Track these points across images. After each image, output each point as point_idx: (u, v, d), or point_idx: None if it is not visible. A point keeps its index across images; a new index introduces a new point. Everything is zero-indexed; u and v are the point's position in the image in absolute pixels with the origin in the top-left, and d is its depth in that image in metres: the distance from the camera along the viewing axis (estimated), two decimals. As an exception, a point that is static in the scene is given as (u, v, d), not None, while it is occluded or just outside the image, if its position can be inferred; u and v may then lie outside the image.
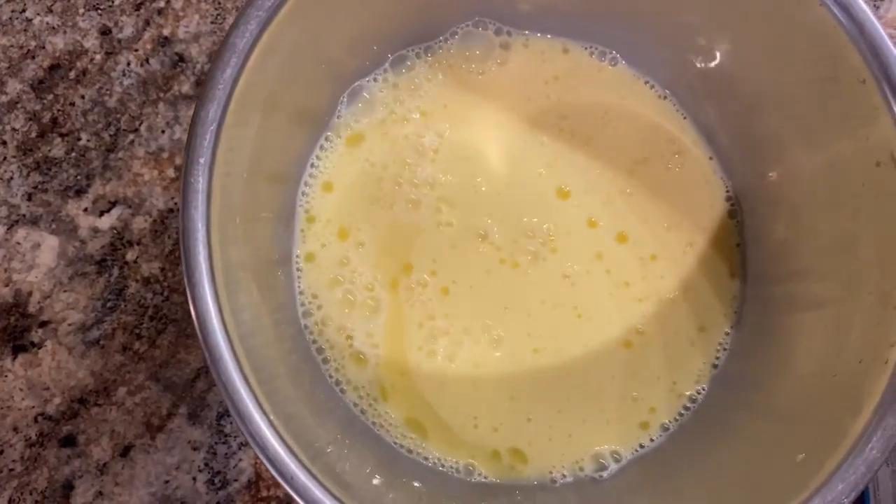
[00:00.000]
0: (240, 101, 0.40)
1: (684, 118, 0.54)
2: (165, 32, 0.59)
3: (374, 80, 0.53)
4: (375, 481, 0.45)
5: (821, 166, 0.47)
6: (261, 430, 0.36)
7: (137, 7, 0.59)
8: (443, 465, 0.49)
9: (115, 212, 0.57)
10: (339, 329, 0.50)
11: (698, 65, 0.52)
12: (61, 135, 0.58)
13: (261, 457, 0.36)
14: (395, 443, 0.49)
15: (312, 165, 0.52)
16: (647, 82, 0.54)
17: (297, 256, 0.50)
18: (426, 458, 0.49)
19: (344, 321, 0.50)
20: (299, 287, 0.50)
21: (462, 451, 0.49)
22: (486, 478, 0.49)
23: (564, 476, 0.49)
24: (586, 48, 0.54)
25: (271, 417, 0.37)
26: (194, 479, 0.54)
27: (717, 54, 0.50)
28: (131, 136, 0.58)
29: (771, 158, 0.51)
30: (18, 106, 0.58)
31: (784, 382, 0.45)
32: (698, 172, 0.53)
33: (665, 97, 0.54)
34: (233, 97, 0.39)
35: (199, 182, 0.37)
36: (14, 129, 0.58)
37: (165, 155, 0.57)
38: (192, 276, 0.36)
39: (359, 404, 0.49)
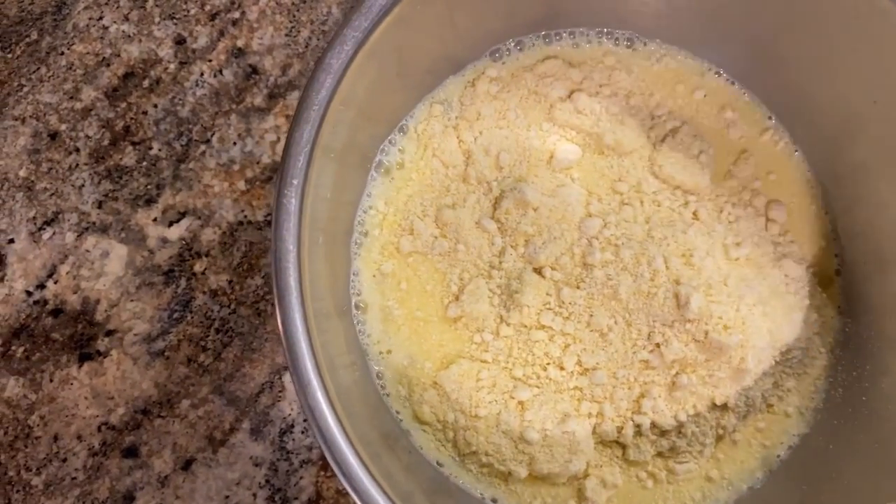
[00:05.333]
0: (331, 120, 0.39)
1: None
2: (239, 44, 0.59)
3: (446, 87, 0.52)
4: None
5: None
6: (347, 460, 0.36)
7: (212, 17, 0.59)
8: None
9: (185, 222, 0.56)
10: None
11: (798, 90, 0.51)
12: (133, 143, 0.58)
13: (346, 486, 0.36)
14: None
15: (389, 160, 0.51)
16: (767, 116, 0.54)
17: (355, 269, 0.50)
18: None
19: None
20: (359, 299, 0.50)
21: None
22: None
23: None
24: (697, 59, 0.54)
25: (356, 446, 0.36)
26: (255, 495, 0.53)
27: (811, 76, 0.49)
28: (202, 147, 0.57)
29: (861, 188, 0.50)
30: (92, 113, 0.58)
31: (878, 427, 0.44)
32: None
33: (771, 118, 0.53)
34: (325, 118, 0.39)
35: (292, 203, 0.37)
36: (87, 137, 0.58)
37: (236, 167, 0.57)
38: (283, 298, 0.36)
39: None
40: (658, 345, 0.47)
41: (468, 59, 0.52)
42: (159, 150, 0.58)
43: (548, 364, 0.48)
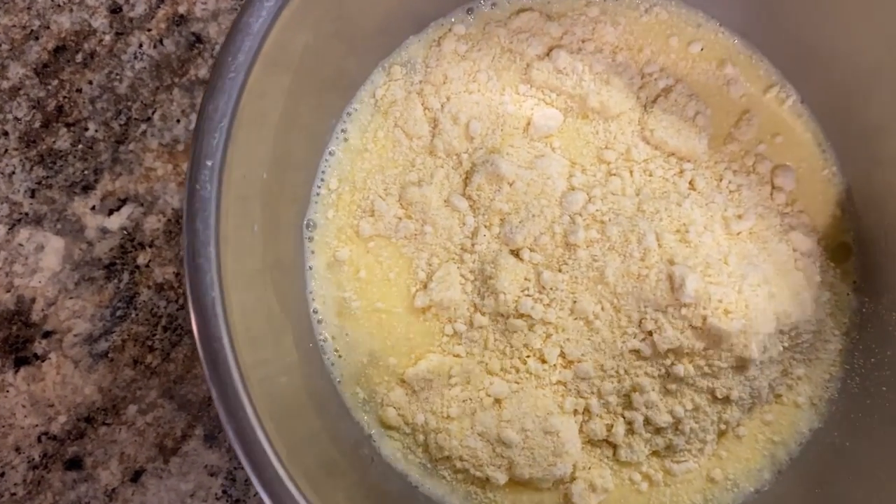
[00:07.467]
0: (256, 89, 0.34)
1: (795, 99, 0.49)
2: (181, 10, 0.54)
3: (408, 47, 0.48)
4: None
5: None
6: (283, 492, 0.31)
7: (150, -19, 0.54)
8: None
9: (126, 210, 0.52)
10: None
11: (806, 40, 0.46)
12: (67, 125, 0.53)
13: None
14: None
15: (343, 131, 0.47)
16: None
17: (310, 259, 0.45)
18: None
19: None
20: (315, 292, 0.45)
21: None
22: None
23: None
24: (691, 9, 0.49)
25: (294, 475, 0.31)
26: (212, 507, 0.49)
27: (820, 27, 0.45)
28: (143, 126, 0.53)
29: (878, 150, 0.45)
30: (21, 93, 0.53)
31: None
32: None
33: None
34: (246, 86, 0.33)
35: (207, 189, 0.32)
36: (16, 119, 0.53)
37: (181, 147, 0.53)
38: (199, 302, 0.31)
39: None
40: (650, 333, 0.43)
41: (432, 15, 0.47)
42: (96, 130, 0.53)
43: (527, 357, 0.45)
